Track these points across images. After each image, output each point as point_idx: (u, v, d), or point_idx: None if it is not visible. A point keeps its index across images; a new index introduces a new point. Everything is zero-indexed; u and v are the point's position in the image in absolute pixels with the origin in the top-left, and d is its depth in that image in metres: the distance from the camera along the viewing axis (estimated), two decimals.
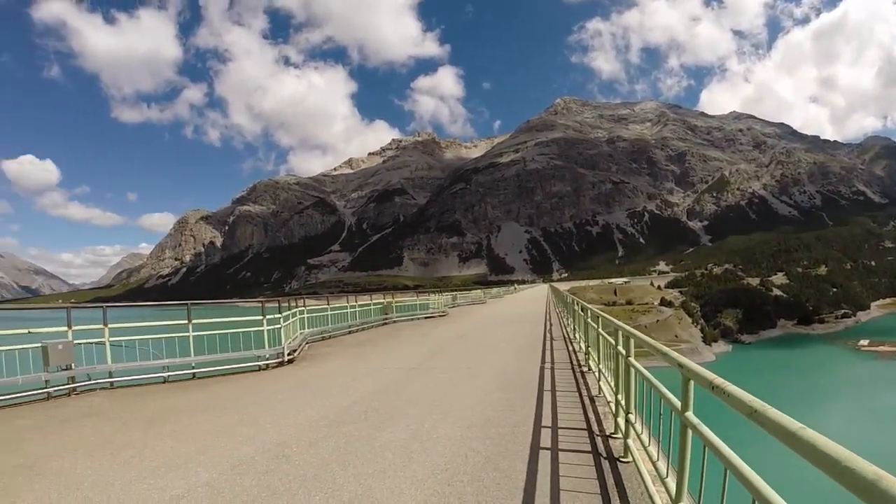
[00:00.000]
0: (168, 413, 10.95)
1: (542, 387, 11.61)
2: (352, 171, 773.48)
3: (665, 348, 4.80)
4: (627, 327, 6.78)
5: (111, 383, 14.10)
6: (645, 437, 5.77)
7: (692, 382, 3.95)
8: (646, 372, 5.52)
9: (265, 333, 17.05)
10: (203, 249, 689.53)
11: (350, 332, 27.51)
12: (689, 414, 3.99)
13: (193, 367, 15.42)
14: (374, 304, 33.67)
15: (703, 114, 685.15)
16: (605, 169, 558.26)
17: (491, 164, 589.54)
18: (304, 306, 23.38)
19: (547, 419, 8.85)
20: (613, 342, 7.48)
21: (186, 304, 16.35)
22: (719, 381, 3.22)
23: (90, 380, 13.83)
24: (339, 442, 8.19)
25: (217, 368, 15.87)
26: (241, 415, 10.43)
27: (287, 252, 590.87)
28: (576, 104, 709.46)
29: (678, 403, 4.19)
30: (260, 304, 18.28)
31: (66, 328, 13.42)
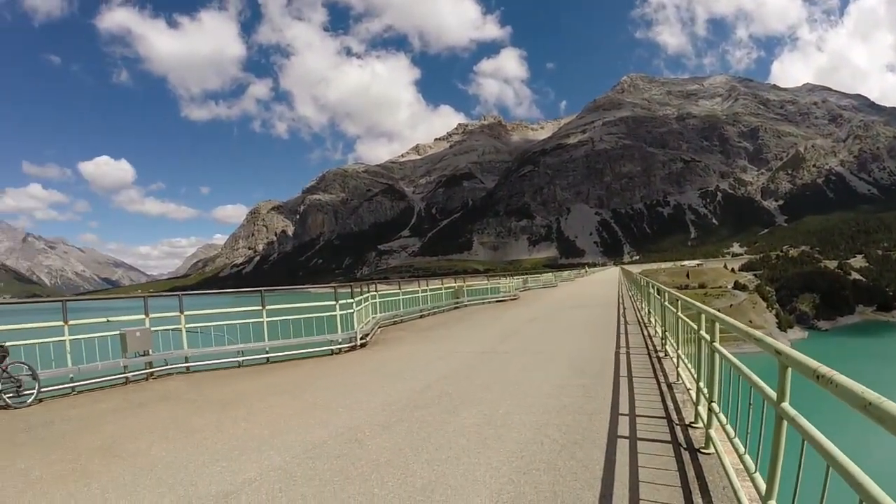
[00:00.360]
0: (242, 397, 11.06)
1: (619, 372, 11.32)
2: (419, 157, 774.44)
3: (758, 333, 4.44)
4: (713, 311, 6.41)
5: (187, 368, 14.43)
6: (730, 428, 5.43)
7: (790, 370, 3.65)
8: (734, 359, 5.19)
9: (338, 318, 17.18)
10: (275, 238, 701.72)
11: (421, 316, 27.51)
12: (786, 405, 3.68)
13: (267, 352, 15.62)
14: (446, 288, 33.59)
15: (774, 87, 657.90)
16: (675, 147, 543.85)
17: (559, 146, 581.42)
18: (376, 291, 23.49)
19: (624, 406, 8.57)
20: (696, 327, 7.16)
21: (260, 290, 16.61)
22: (825, 369, 2.92)
23: (167, 365, 14.22)
24: (412, 426, 8.10)
25: (290, 353, 16.00)
26: (315, 399, 10.44)
27: (357, 238, 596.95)
28: (643, 81, 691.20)
29: (773, 393, 3.89)
30: (333, 290, 18.33)
31: (143, 316, 13.82)
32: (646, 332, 17.33)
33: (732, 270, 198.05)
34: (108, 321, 13.55)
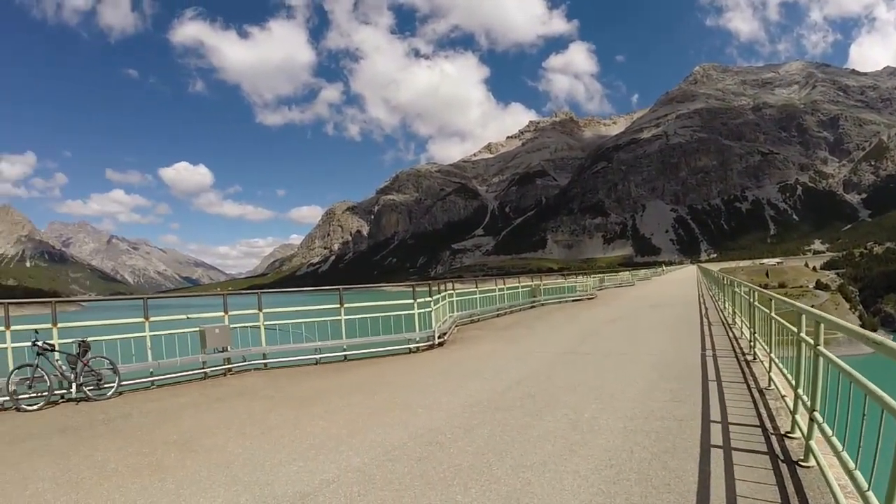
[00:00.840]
0: (319, 394, 11.02)
1: (706, 376, 10.84)
2: (491, 156, 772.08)
3: (880, 338, 3.97)
4: (817, 311, 5.90)
5: (265, 365, 14.56)
6: (836, 441, 4.90)
7: None
8: (845, 366, 4.70)
9: (416, 317, 17.06)
10: (350, 238, 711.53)
11: (498, 315, 27.19)
12: None
13: (345, 350, 15.64)
14: (522, 286, 33.14)
15: (854, 71, 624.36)
16: (751, 139, 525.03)
17: (632, 141, 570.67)
18: (453, 290, 23.31)
19: (715, 413, 8.12)
20: (794, 329, 6.69)
21: (338, 288, 16.65)
22: None
23: (245, 361, 14.44)
24: (494, 429, 7.85)
25: (368, 351, 15.95)
26: (393, 398, 10.30)
27: (431, 238, 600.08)
28: (716, 71, 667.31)
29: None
30: (410, 288, 18.24)
31: (222, 313, 14.10)
32: (731, 334, 16.68)
33: (814, 269, 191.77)
34: (187, 318, 13.96)
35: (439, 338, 17.36)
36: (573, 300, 36.98)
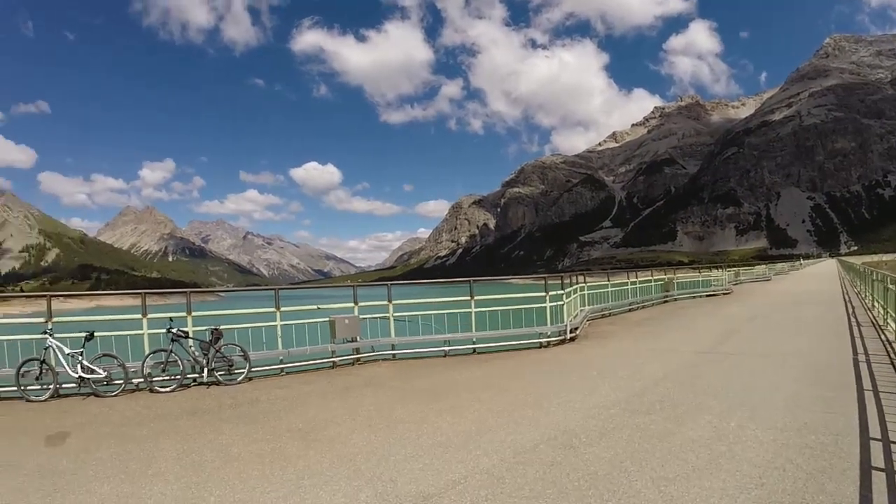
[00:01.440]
0: (448, 387, 10.71)
1: (861, 385, 9.69)
2: (617, 145, 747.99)
3: None
4: None
5: (393, 355, 14.49)
6: None
7: None
8: None
9: (547, 310, 16.55)
10: (477, 231, 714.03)
11: (630, 310, 26.34)
12: None
13: (474, 343, 15.30)
14: (655, 280, 32.14)
15: None
16: (892, 117, 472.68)
17: (763, 123, 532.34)
18: (584, 283, 22.59)
19: (874, 429, 7.12)
20: None
21: (468, 280, 16.26)
22: None
23: (373, 351, 14.42)
24: (632, 435, 7.22)
25: (498, 345, 15.58)
26: (524, 394, 9.82)
27: (558, 230, 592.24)
28: (848, 42, 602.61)
29: None
30: (542, 280, 17.70)
31: (352, 304, 14.20)
32: (883, 337, 15.22)
33: None
34: (318, 308, 14.25)
35: (571, 332, 16.70)
36: (707, 295, 35.29)
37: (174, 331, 11.63)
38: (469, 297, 15.63)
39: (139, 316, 12.16)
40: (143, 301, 12.25)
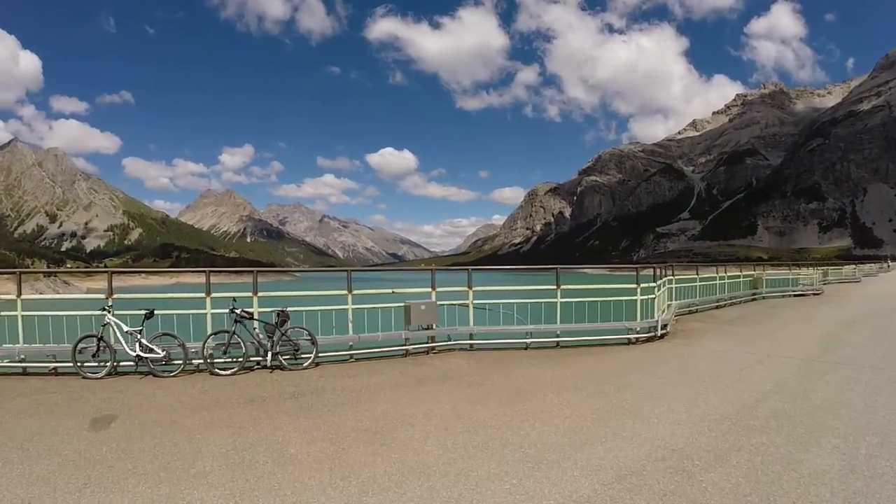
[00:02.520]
0: (532, 386, 9.65)
1: None
2: (697, 134, 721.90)
3: None
4: None
5: (470, 346, 13.57)
6: None
7: None
8: None
9: (638, 303, 15.29)
10: (552, 219, 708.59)
11: (718, 307, 24.77)
12: None
13: (558, 336, 14.17)
14: (744, 276, 30.49)
15: None
16: None
17: (850, 113, 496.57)
18: (673, 275, 21.28)
19: None
20: None
21: (555, 268, 15.25)
22: None
23: (450, 340, 13.54)
24: (752, 459, 6.06)
25: (582, 339, 14.35)
26: (619, 399, 8.69)
27: (635, 220, 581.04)
28: None
29: None
30: (634, 271, 16.50)
31: (429, 289, 13.44)
32: None
33: None
34: (392, 293, 13.48)
35: (662, 329, 15.43)
36: (796, 295, 33.39)
37: (237, 311, 11.06)
38: (555, 287, 14.47)
39: (202, 295, 11.61)
40: (206, 279, 11.66)
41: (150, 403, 8.54)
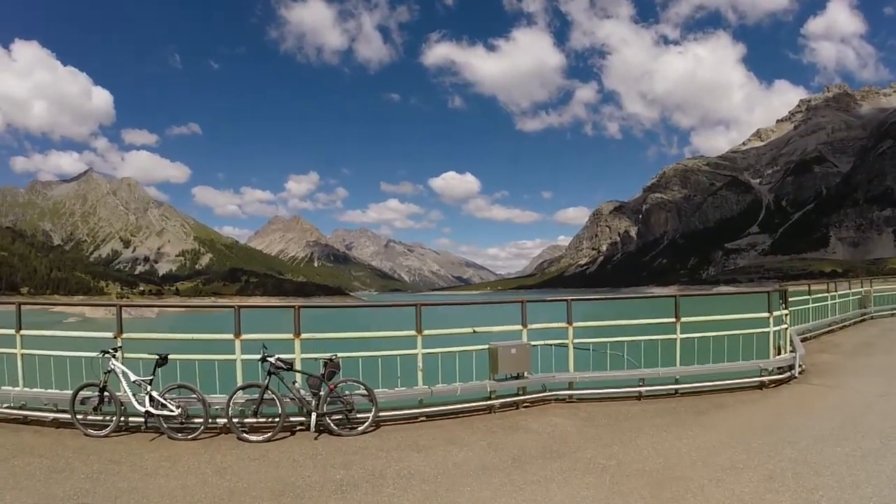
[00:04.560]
0: (674, 467, 6.93)
1: None
2: (762, 144, 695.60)
3: None
4: None
5: (569, 395, 10.74)
6: None
7: None
8: None
9: (770, 335, 12.30)
10: (618, 238, 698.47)
11: (831, 331, 21.37)
12: None
13: (677, 381, 11.27)
14: (853, 294, 26.97)
15: None
16: None
17: None
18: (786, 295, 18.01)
19: None
20: None
21: (674, 296, 11.96)
22: None
23: (544, 391, 10.68)
24: None
25: (702, 385, 11.31)
26: (806, 490, 5.92)
27: (702, 237, 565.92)
28: None
29: None
30: (767, 293, 13.21)
31: (520, 327, 10.64)
32: None
33: None
34: (473, 332, 10.55)
35: (799, 368, 12.43)
36: None
37: (271, 359, 8.80)
38: (675, 320, 11.43)
39: (231, 336, 9.25)
40: (236, 317, 9.23)
41: (143, 492, 6.31)
